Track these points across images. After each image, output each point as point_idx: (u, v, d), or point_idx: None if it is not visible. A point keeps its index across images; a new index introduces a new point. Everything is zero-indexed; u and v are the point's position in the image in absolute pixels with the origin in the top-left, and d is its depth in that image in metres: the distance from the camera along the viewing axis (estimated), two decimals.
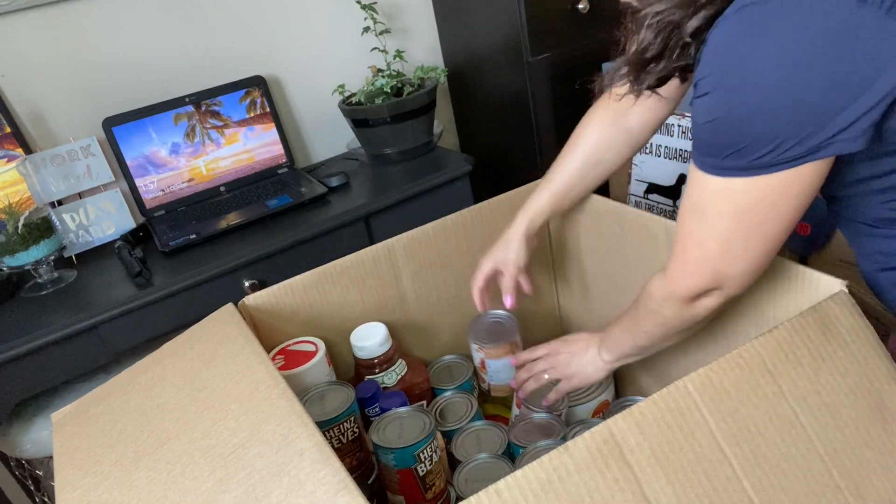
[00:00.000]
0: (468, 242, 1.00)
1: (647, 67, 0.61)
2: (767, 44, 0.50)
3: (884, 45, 0.48)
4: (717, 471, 0.53)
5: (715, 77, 0.53)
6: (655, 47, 0.59)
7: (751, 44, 0.50)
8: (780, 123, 0.51)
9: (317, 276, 0.90)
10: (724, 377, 0.56)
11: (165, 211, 1.50)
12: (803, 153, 0.52)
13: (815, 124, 0.51)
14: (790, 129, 0.51)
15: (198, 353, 0.74)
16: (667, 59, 0.59)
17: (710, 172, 0.57)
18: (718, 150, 0.56)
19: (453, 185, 1.50)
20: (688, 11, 0.55)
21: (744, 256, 0.60)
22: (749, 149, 0.53)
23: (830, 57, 0.48)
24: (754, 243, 0.59)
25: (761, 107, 0.51)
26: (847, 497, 0.56)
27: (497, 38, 1.61)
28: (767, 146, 0.52)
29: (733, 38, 0.52)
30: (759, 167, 0.54)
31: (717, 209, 0.59)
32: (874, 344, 0.61)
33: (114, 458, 0.64)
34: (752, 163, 0.54)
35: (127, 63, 1.50)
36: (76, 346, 1.19)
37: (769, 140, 0.52)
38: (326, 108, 1.71)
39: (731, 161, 0.55)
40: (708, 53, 0.54)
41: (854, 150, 0.52)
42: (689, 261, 0.64)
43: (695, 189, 0.60)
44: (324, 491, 0.50)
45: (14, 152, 1.34)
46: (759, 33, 0.50)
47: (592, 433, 0.52)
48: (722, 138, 0.55)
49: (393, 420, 0.78)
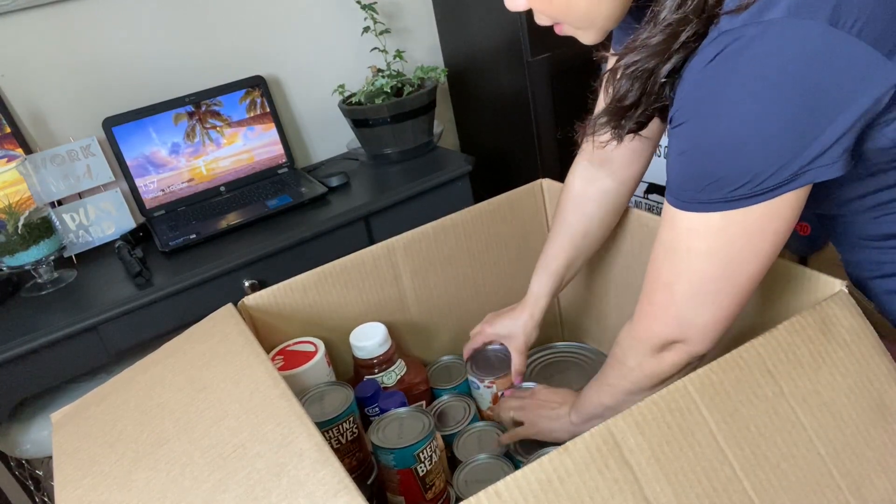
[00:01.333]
0: (468, 242, 1.00)
1: (627, 114, 0.61)
2: (739, 74, 0.49)
3: (854, 69, 0.47)
4: (717, 471, 0.53)
5: (688, 108, 0.53)
6: (633, 94, 0.58)
7: (723, 74, 0.50)
8: (754, 154, 0.51)
9: (317, 276, 0.90)
10: (724, 377, 0.56)
11: (165, 211, 1.50)
12: (781, 182, 0.51)
13: (790, 153, 0.50)
14: (765, 159, 0.51)
15: (198, 353, 0.74)
16: (645, 104, 0.59)
17: (685, 208, 0.56)
18: (694, 182, 0.54)
19: (453, 185, 1.50)
20: (662, 58, 0.55)
21: (711, 305, 0.59)
22: (725, 180, 0.52)
23: (803, 84, 0.48)
24: (724, 290, 0.58)
25: (735, 137, 0.51)
26: (847, 497, 0.56)
27: (497, 38, 1.61)
28: (744, 177, 0.52)
29: (707, 69, 0.51)
30: (736, 199, 0.53)
31: (689, 248, 0.57)
32: (874, 344, 0.61)
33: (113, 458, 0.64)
34: (729, 195, 0.53)
35: (127, 63, 1.50)
36: (76, 346, 1.19)
37: (744, 171, 0.51)
38: (326, 108, 1.71)
39: (707, 194, 0.54)
40: (682, 85, 0.54)
41: (833, 177, 0.51)
42: (655, 305, 0.62)
43: (667, 228, 0.59)
44: (323, 491, 0.50)
45: (14, 152, 1.34)
46: (733, 61, 0.49)
47: (592, 433, 0.52)
48: (697, 170, 0.54)
49: (392, 420, 0.77)
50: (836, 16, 0.46)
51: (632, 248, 0.92)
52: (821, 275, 0.67)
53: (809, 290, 0.68)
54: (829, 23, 0.46)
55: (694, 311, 0.60)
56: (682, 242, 0.58)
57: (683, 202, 0.56)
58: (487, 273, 1.03)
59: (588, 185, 0.87)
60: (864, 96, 0.48)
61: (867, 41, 0.47)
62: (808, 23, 0.46)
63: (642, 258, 0.91)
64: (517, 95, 1.62)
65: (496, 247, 1.03)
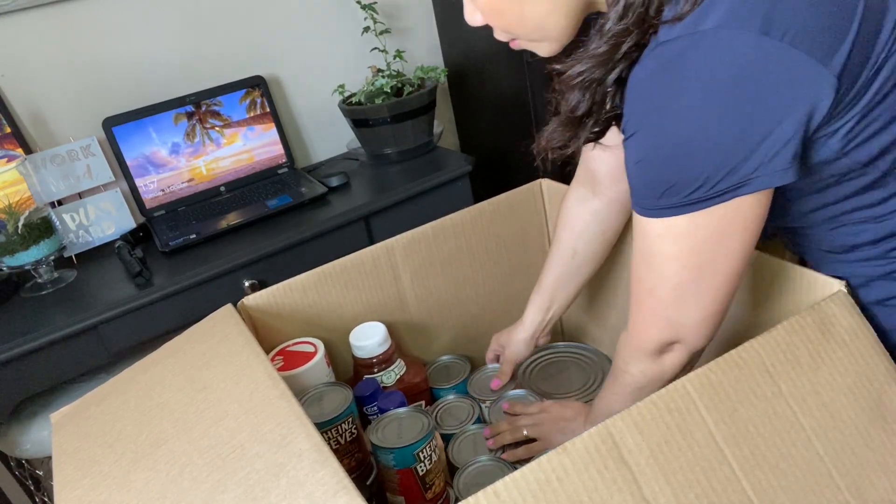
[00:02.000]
0: (468, 242, 1.00)
1: (581, 124, 0.62)
2: (679, 82, 0.50)
3: (790, 75, 0.48)
4: (716, 471, 0.53)
5: (636, 119, 0.54)
6: (584, 105, 0.59)
7: (665, 83, 0.51)
8: (701, 159, 0.52)
9: (316, 277, 0.90)
10: (723, 377, 0.56)
11: (165, 211, 1.50)
12: (732, 186, 0.52)
13: (736, 158, 0.51)
14: (713, 164, 0.52)
15: (197, 353, 0.74)
16: (597, 113, 0.60)
17: (650, 215, 0.57)
18: (652, 189, 0.56)
19: (453, 185, 1.50)
20: (607, 68, 0.56)
21: (697, 303, 0.59)
22: (679, 186, 0.53)
23: (740, 92, 0.49)
24: (705, 287, 0.58)
25: (682, 144, 0.52)
26: (846, 497, 0.56)
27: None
28: (696, 182, 0.53)
29: (648, 79, 0.52)
30: (693, 202, 0.54)
31: (662, 252, 0.58)
32: (873, 343, 0.61)
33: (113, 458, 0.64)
34: (686, 199, 0.54)
35: (127, 63, 1.50)
36: (76, 346, 1.19)
37: (696, 176, 0.52)
38: (326, 108, 1.71)
39: (666, 200, 0.55)
40: (628, 95, 0.55)
41: (785, 182, 0.52)
42: (645, 310, 0.63)
43: (639, 236, 0.60)
44: (322, 492, 0.50)
45: (14, 152, 1.35)
46: (672, 72, 0.50)
47: (591, 434, 0.52)
48: (653, 177, 0.55)
49: (391, 421, 0.78)
50: (767, 25, 0.47)
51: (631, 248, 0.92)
52: (820, 275, 0.67)
53: (808, 290, 0.68)
54: (760, 32, 0.47)
55: (682, 312, 0.61)
56: (655, 248, 0.59)
57: (647, 209, 0.57)
58: (487, 273, 1.03)
59: (578, 205, 0.88)
60: (803, 101, 0.49)
61: (801, 49, 0.48)
62: (740, 33, 0.48)
63: None
64: (517, 95, 1.62)
65: (496, 247, 1.03)
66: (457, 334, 1.03)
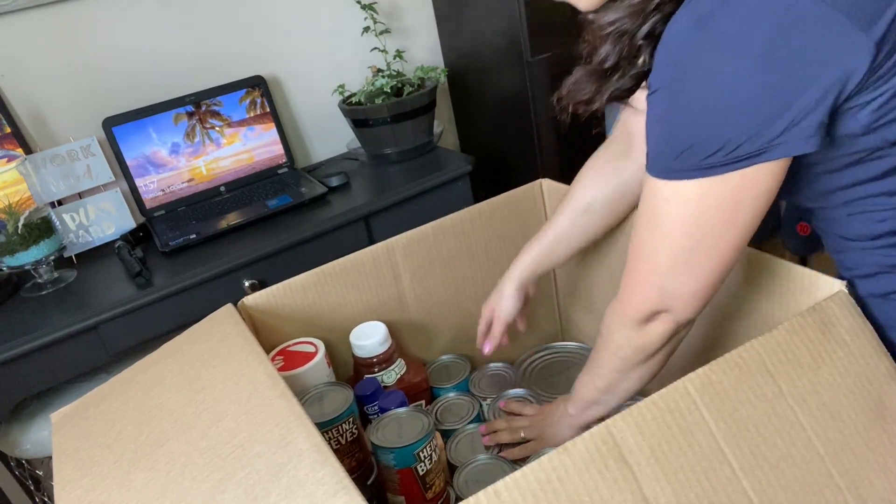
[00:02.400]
0: (468, 242, 1.00)
1: (608, 77, 0.61)
2: (711, 38, 0.49)
3: (827, 38, 0.47)
4: (716, 471, 0.53)
5: (664, 73, 0.53)
6: (612, 57, 0.59)
7: (697, 39, 0.50)
8: (725, 120, 0.50)
9: (316, 277, 0.90)
10: (724, 377, 0.56)
11: (165, 211, 1.50)
12: (753, 152, 0.51)
13: (761, 121, 0.50)
14: (736, 126, 0.50)
15: (197, 353, 0.74)
16: (624, 68, 0.59)
17: (662, 176, 0.56)
18: (668, 149, 0.54)
19: (453, 185, 1.50)
20: (639, 19, 0.55)
21: (693, 273, 0.59)
22: (698, 148, 0.52)
23: (773, 51, 0.47)
24: (705, 258, 0.58)
25: (708, 103, 0.51)
26: (846, 497, 0.56)
27: (497, 38, 1.61)
28: (716, 144, 0.51)
29: (681, 35, 0.51)
30: (709, 167, 0.53)
31: (669, 216, 0.57)
32: (874, 344, 0.61)
33: (113, 458, 0.64)
34: (703, 162, 0.53)
35: (127, 63, 1.50)
36: (76, 346, 1.19)
37: (718, 137, 0.51)
38: (326, 108, 1.71)
39: (681, 162, 0.54)
40: (659, 50, 0.54)
41: (806, 151, 0.51)
42: (638, 276, 0.62)
43: (647, 199, 0.59)
44: (323, 491, 0.50)
45: (14, 152, 1.35)
46: (703, 27, 0.49)
47: (592, 434, 0.52)
48: (672, 136, 0.54)
49: (391, 420, 0.78)
50: None
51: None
52: (820, 275, 0.67)
53: (809, 290, 0.68)
54: None
55: (676, 280, 0.60)
56: (661, 212, 0.58)
57: (660, 171, 0.56)
58: (487, 273, 1.03)
59: (607, 162, 0.85)
60: (837, 67, 0.48)
61: (841, 11, 0.46)
62: None
63: None
64: (517, 95, 1.62)
65: (496, 247, 1.03)
66: (457, 334, 1.03)
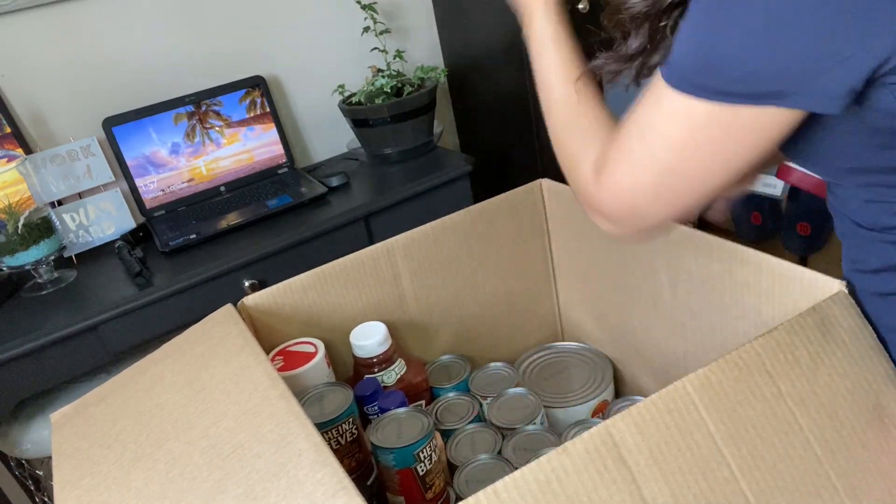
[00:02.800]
0: (468, 242, 1.00)
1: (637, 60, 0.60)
2: None
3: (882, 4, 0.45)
4: (714, 471, 0.53)
5: None
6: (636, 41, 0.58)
7: None
8: (760, 51, 0.49)
9: (316, 277, 0.90)
10: (723, 378, 0.56)
11: (165, 211, 1.50)
12: (773, 92, 0.49)
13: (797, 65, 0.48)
14: (769, 61, 0.48)
15: (197, 353, 0.74)
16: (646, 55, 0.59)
17: (676, 85, 0.53)
18: (693, 60, 0.52)
19: (453, 185, 1.50)
20: None
21: (668, 201, 0.57)
22: (722, 69, 0.50)
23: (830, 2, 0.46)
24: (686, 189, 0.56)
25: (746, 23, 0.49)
26: (843, 499, 0.56)
27: (497, 38, 1.61)
28: (741, 69, 0.50)
29: None
30: (726, 93, 0.51)
31: (666, 133, 0.55)
32: (873, 345, 0.61)
33: (112, 458, 0.64)
34: (721, 87, 0.51)
35: (127, 63, 1.50)
36: (76, 346, 1.19)
37: (744, 64, 0.49)
38: (326, 108, 1.71)
39: (699, 77, 0.52)
40: None
41: (827, 112, 0.49)
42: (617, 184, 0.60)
43: (649, 105, 0.56)
44: (322, 492, 0.50)
45: (14, 152, 1.35)
46: None
47: (591, 434, 0.52)
48: (702, 48, 0.52)
49: (391, 421, 0.78)
50: None
51: (632, 247, 0.92)
52: (820, 275, 0.67)
53: (809, 290, 0.68)
54: None
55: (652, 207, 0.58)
56: (661, 125, 0.55)
57: (677, 78, 0.53)
58: (487, 273, 1.03)
59: None
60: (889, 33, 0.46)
61: None
62: None
63: (643, 258, 0.91)
64: (517, 95, 1.62)
65: (496, 247, 1.03)
66: (457, 334, 1.03)
